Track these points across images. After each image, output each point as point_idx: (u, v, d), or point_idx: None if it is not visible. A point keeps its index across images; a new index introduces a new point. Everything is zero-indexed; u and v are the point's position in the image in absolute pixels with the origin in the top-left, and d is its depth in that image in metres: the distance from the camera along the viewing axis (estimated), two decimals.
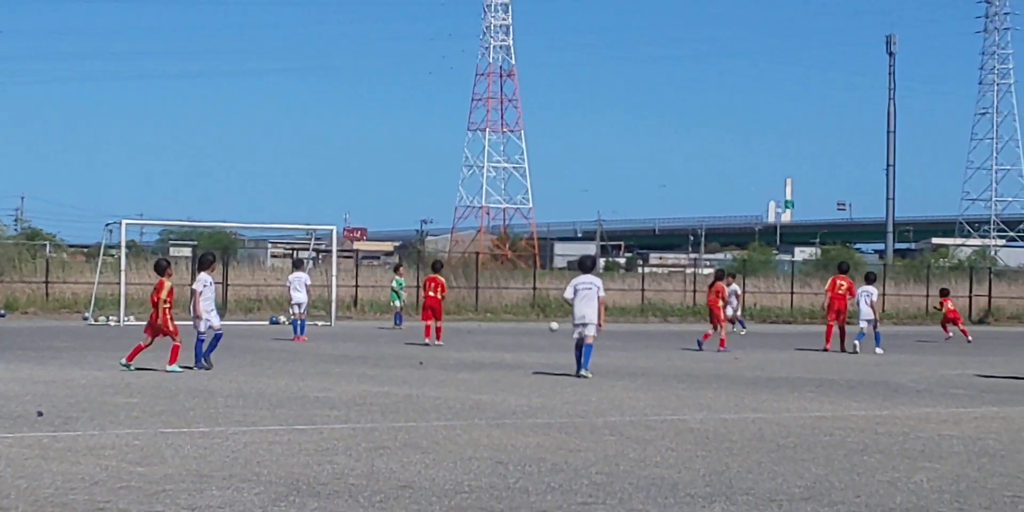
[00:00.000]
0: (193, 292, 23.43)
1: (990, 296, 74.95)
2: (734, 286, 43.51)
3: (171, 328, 22.40)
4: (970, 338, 40.86)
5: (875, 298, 34.65)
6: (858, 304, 34.14)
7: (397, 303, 45.25)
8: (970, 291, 74.50)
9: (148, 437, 12.95)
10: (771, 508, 9.43)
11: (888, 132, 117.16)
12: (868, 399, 18.94)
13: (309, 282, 36.69)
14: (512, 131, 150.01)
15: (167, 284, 22.71)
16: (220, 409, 15.89)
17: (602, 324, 23.04)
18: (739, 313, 44.56)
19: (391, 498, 9.58)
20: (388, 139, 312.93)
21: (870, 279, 35.78)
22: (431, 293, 34.20)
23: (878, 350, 32.96)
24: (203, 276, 23.61)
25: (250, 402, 16.84)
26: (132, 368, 22.01)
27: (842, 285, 34.54)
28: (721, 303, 34.03)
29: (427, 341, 33.08)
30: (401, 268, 49.85)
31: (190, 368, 22.23)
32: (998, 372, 25.92)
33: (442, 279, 35.27)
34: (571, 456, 12.03)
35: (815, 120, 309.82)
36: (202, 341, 23.03)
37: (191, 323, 22.98)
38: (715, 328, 33.04)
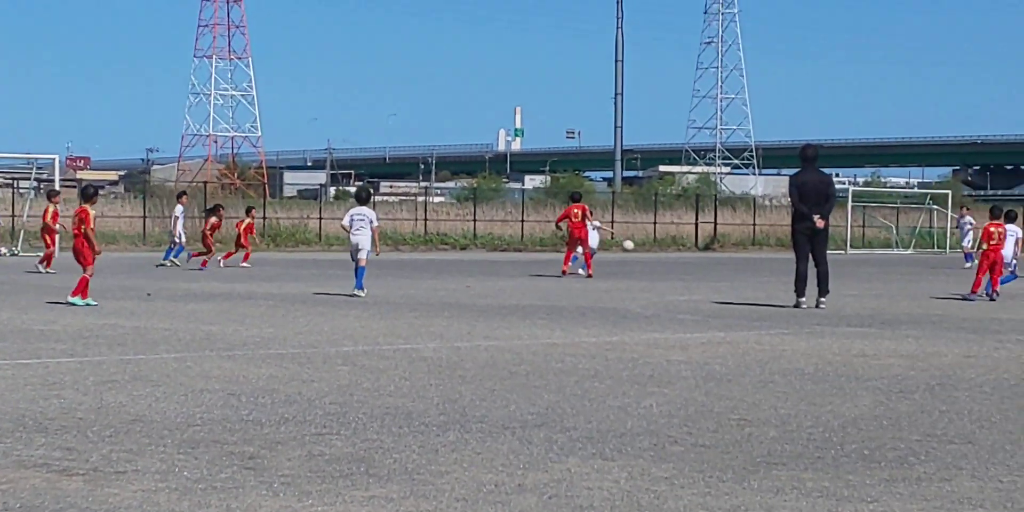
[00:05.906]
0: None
1: (715, 223, 76.75)
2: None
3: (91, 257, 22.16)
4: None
5: None
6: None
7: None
8: (696, 218, 76.17)
9: None
10: (505, 435, 9.47)
11: (616, 61, 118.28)
12: (598, 325, 19.18)
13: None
14: (240, 58, 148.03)
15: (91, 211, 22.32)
16: None
17: (377, 251, 26.03)
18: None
19: (121, 432, 9.38)
20: (112, 66, 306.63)
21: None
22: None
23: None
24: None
25: None
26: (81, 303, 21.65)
27: (578, 213, 35.36)
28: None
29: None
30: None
31: None
32: (724, 298, 26.50)
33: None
34: (304, 387, 11.94)
35: (544, 49, 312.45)
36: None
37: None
38: None
